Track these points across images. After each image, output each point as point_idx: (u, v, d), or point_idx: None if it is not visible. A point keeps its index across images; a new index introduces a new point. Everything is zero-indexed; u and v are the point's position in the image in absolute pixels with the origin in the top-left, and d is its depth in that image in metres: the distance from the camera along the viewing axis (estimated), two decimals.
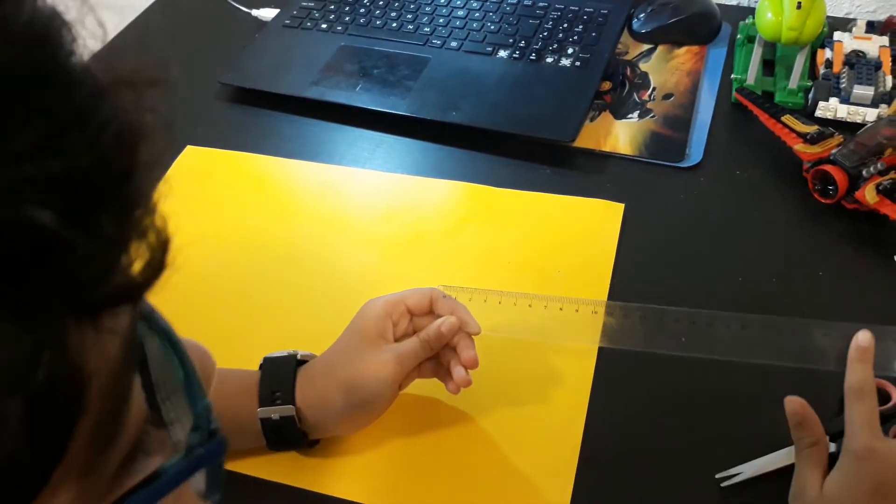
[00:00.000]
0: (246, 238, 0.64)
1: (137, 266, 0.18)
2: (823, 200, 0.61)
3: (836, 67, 0.70)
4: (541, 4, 0.82)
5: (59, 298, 0.16)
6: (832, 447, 0.47)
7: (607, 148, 0.69)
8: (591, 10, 0.80)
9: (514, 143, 0.69)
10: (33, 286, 0.15)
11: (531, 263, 0.60)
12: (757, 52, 0.71)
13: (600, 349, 0.54)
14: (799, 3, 0.65)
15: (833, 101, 0.68)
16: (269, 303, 0.59)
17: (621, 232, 0.62)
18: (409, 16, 0.82)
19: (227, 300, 0.60)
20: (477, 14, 0.81)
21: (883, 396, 0.50)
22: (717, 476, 0.47)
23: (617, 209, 0.63)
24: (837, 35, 0.73)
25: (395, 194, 0.67)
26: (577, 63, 0.74)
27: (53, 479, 0.17)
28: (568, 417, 0.51)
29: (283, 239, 0.64)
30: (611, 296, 0.57)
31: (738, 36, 0.77)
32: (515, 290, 0.57)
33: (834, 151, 0.60)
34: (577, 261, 0.60)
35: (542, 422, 0.51)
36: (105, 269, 0.17)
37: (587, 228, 0.62)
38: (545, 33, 0.78)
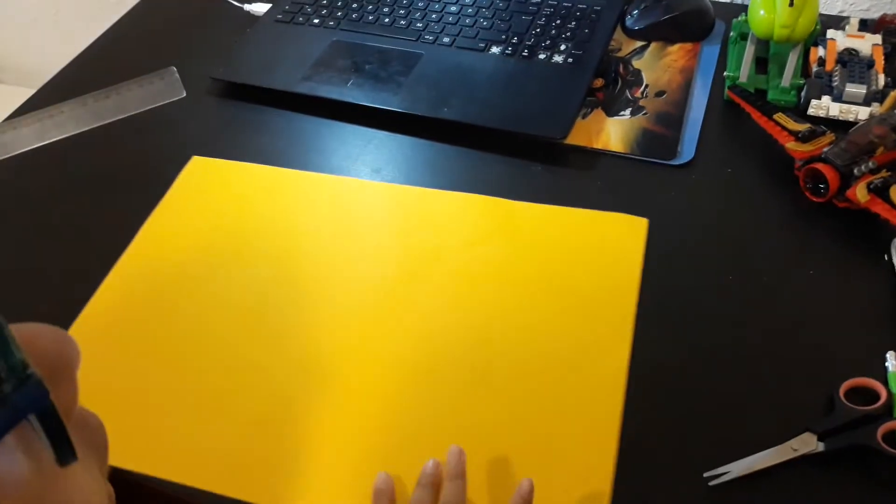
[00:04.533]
0: (252, 254, 0.61)
1: None
2: (815, 199, 0.61)
3: (829, 65, 0.70)
4: (534, 1, 0.81)
5: None
6: (820, 446, 0.47)
7: (599, 145, 0.68)
8: (585, 6, 0.80)
9: (506, 139, 0.69)
10: None
11: (553, 282, 0.58)
12: (749, 50, 0.71)
13: None
14: (791, 0, 0.64)
15: (825, 99, 0.68)
16: (276, 324, 0.57)
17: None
18: (402, 11, 0.82)
19: (233, 318, 0.57)
20: (470, 10, 0.81)
21: (872, 396, 0.50)
22: (705, 475, 0.47)
23: (640, 224, 0.61)
24: (830, 33, 0.73)
25: (410, 208, 0.64)
26: (570, 60, 0.74)
27: None
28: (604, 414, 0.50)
29: (292, 256, 0.61)
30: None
31: (732, 33, 0.77)
32: (538, 311, 0.56)
33: (825, 150, 0.60)
34: (600, 279, 0.57)
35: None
36: None
37: (610, 245, 0.60)
38: (538, 30, 0.78)
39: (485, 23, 0.79)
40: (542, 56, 0.75)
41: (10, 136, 0.67)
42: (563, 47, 0.75)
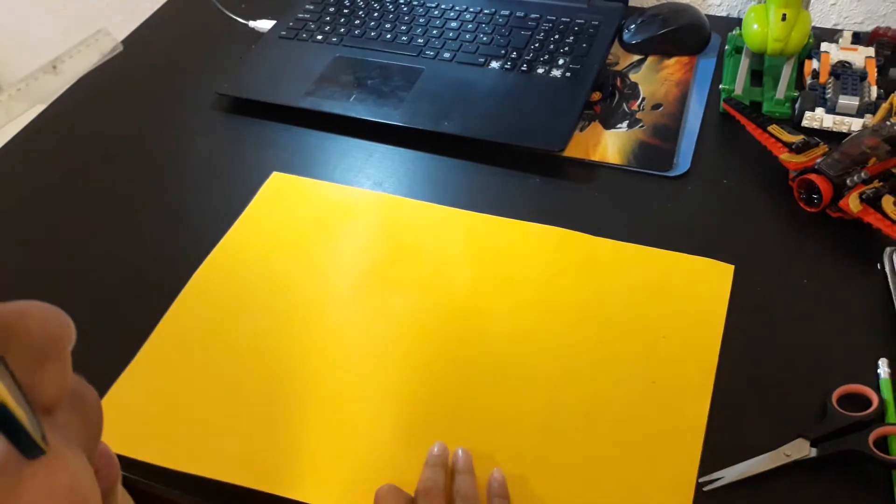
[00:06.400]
0: (327, 273, 0.62)
1: None
2: (808, 209, 0.62)
3: (823, 78, 0.71)
4: (532, 16, 0.83)
5: None
6: (813, 452, 0.48)
7: (596, 157, 0.70)
8: (583, 21, 0.82)
9: (505, 152, 0.70)
10: None
11: (633, 326, 0.56)
12: (744, 63, 0.72)
13: None
14: (784, 14, 0.66)
15: (819, 111, 0.69)
16: (345, 345, 0.57)
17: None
18: (404, 27, 0.83)
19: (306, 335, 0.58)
20: (470, 26, 0.82)
21: (864, 402, 0.50)
22: (699, 480, 0.48)
23: (726, 271, 0.59)
24: (824, 46, 0.74)
25: (484, 237, 0.64)
26: (568, 74, 0.75)
27: None
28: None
29: (365, 279, 0.61)
30: None
31: (727, 47, 0.78)
32: (617, 354, 0.54)
33: (819, 161, 0.61)
34: (682, 326, 0.56)
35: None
36: None
37: (693, 291, 0.58)
38: (536, 45, 0.79)
39: (484, 38, 0.81)
40: (540, 70, 0.76)
41: None
42: (561, 62, 0.77)
